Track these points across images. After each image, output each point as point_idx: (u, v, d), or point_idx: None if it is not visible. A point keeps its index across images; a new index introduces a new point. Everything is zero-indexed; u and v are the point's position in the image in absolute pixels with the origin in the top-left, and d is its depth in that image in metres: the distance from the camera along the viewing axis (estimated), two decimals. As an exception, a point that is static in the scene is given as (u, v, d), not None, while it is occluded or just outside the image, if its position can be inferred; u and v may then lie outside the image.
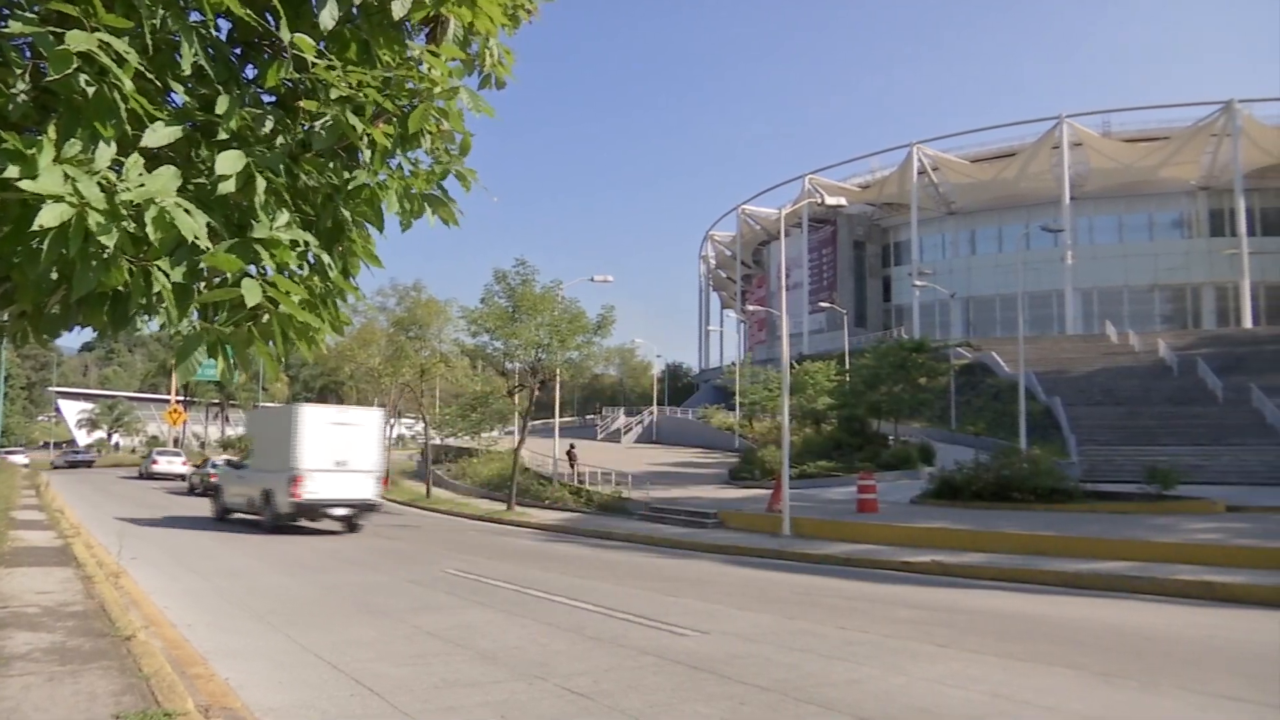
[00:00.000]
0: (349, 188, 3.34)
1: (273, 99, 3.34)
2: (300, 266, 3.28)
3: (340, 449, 20.84)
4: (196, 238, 2.73)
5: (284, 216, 3.13)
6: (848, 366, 46.26)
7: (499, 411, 39.17)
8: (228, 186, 2.94)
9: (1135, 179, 64.33)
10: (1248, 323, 57.80)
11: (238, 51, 3.41)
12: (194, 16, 3.00)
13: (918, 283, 52.58)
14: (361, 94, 3.15)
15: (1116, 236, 66.51)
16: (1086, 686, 6.52)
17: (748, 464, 35.78)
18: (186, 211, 2.73)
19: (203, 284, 3.07)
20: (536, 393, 30.97)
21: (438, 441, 46.09)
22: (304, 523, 21.56)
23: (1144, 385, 43.55)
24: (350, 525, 21.67)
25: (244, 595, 11.10)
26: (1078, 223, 62.91)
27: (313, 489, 20.26)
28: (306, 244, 3.22)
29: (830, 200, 23.24)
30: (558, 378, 33.57)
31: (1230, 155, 59.26)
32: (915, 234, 69.47)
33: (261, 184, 3.01)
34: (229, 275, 2.94)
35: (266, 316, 3.02)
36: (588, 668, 7.09)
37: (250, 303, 2.85)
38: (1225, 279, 61.06)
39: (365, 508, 21.58)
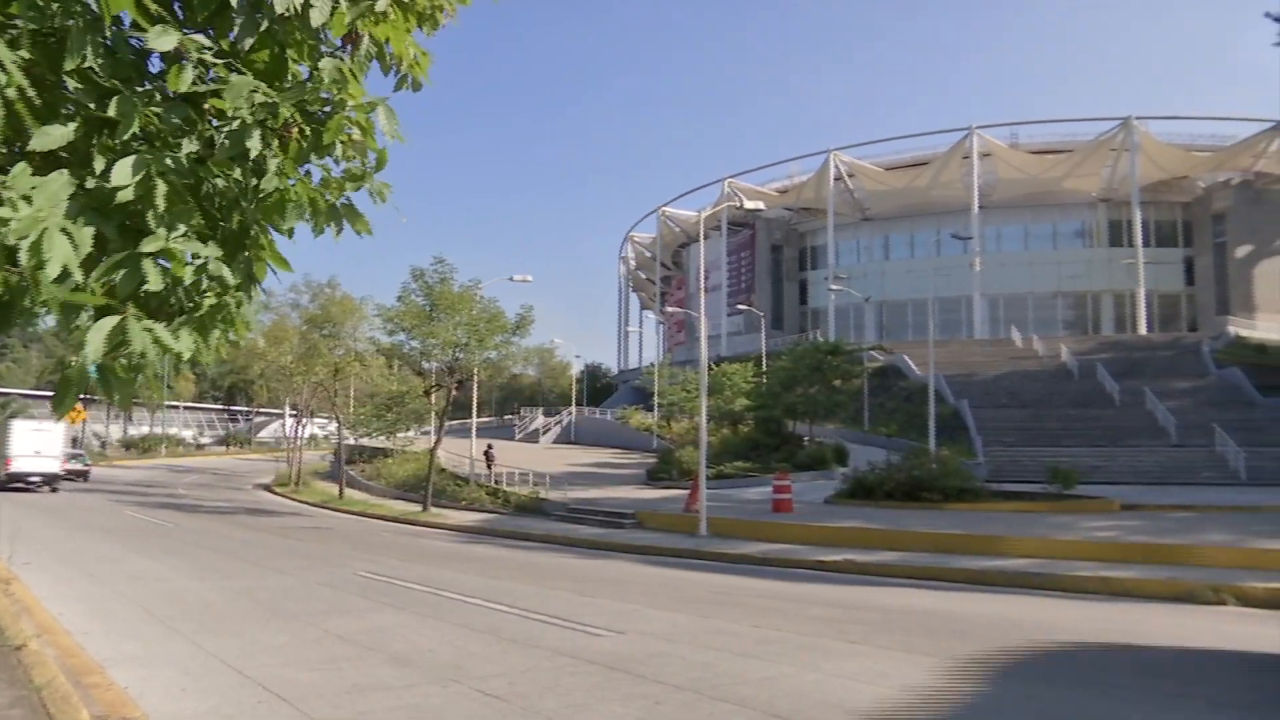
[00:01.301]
0: (259, 195, 3.25)
1: (182, 97, 3.23)
2: (197, 278, 3.15)
3: (37, 444, 33.48)
4: (67, 267, 2.61)
5: (181, 228, 3.02)
6: (765, 368, 46.85)
7: (415, 411, 38.60)
8: (125, 195, 2.83)
9: (1040, 190, 66.70)
10: (1143, 329, 60.45)
11: (141, 41, 3.28)
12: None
13: (833, 287, 53.59)
14: (270, 103, 3.05)
15: (1022, 245, 68.85)
16: (997, 681, 6.73)
17: (665, 464, 35.96)
18: (67, 233, 2.61)
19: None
20: (454, 392, 30.63)
21: (352, 442, 45.19)
22: (210, 524, 20.97)
23: (1047, 389, 45.18)
24: (52, 488, 33.94)
25: (147, 600, 10.72)
26: (986, 231, 64.88)
27: (17, 467, 32.95)
28: (205, 258, 3.10)
29: (749, 204, 23.54)
30: (475, 377, 33.26)
31: (1128, 169, 61.89)
32: (831, 239, 70.76)
33: (162, 189, 2.90)
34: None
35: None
36: (503, 670, 7.04)
37: (103, 348, 2.74)
38: (1123, 287, 63.72)
39: (52, 478, 33.98)
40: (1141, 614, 10.29)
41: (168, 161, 2.94)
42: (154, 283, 2.89)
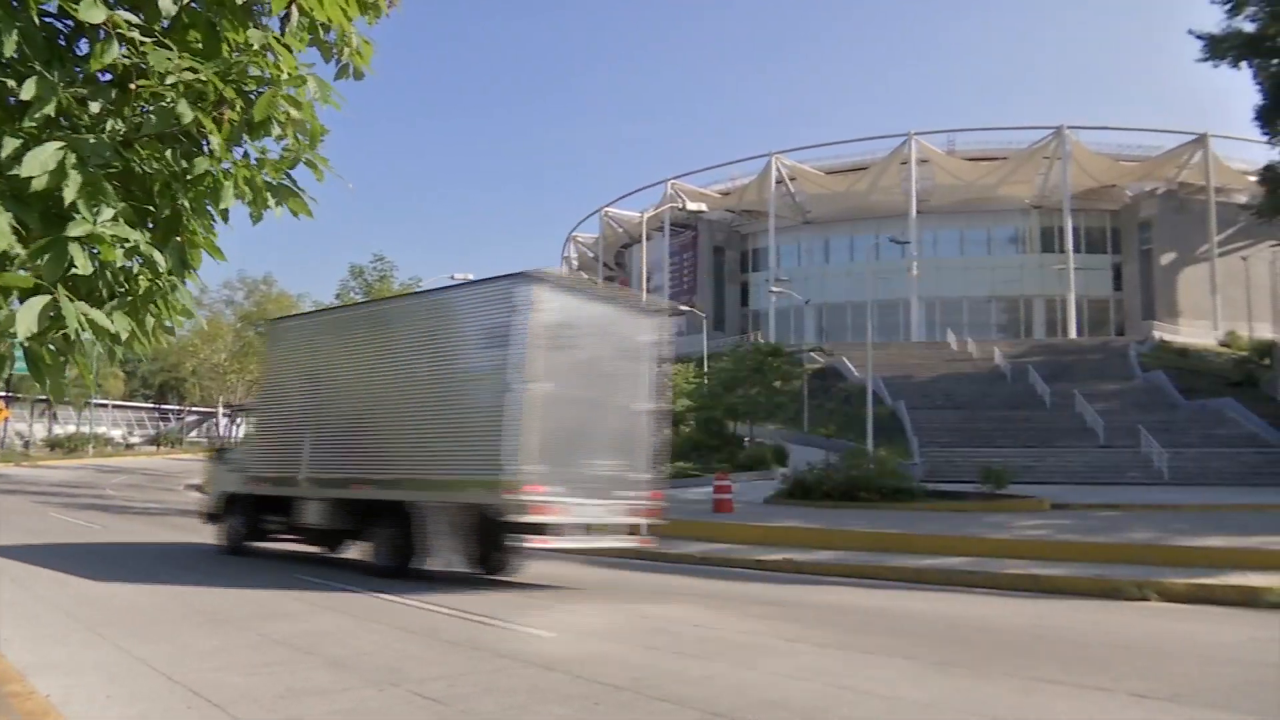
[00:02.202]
0: (189, 176, 3.17)
1: (108, 78, 3.13)
2: (128, 263, 3.07)
3: None
4: None
5: (109, 211, 2.93)
6: (706, 369, 47.11)
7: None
8: (40, 184, 2.74)
9: (976, 196, 68.19)
10: (1073, 333, 62.16)
11: (69, 23, 3.18)
12: None
13: (774, 289, 54.18)
14: (200, 79, 2.98)
15: (958, 250, 70.29)
16: (923, 675, 6.86)
17: (607, 465, 35.87)
18: None
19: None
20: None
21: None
22: (140, 526, 20.47)
23: (981, 391, 46.19)
24: None
25: (71, 605, 10.40)
26: (923, 235, 66.10)
27: None
28: (135, 242, 3.01)
29: (691, 205, 23.72)
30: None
31: (1060, 177, 63.57)
32: (773, 241, 71.47)
33: (77, 179, 2.79)
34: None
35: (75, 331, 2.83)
36: (442, 672, 6.98)
37: (34, 326, 2.65)
38: (1054, 292, 65.42)
39: None
40: (1071, 610, 10.56)
41: (90, 143, 2.84)
42: (82, 266, 2.80)
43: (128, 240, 2.96)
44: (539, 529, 11.25)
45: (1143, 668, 7.09)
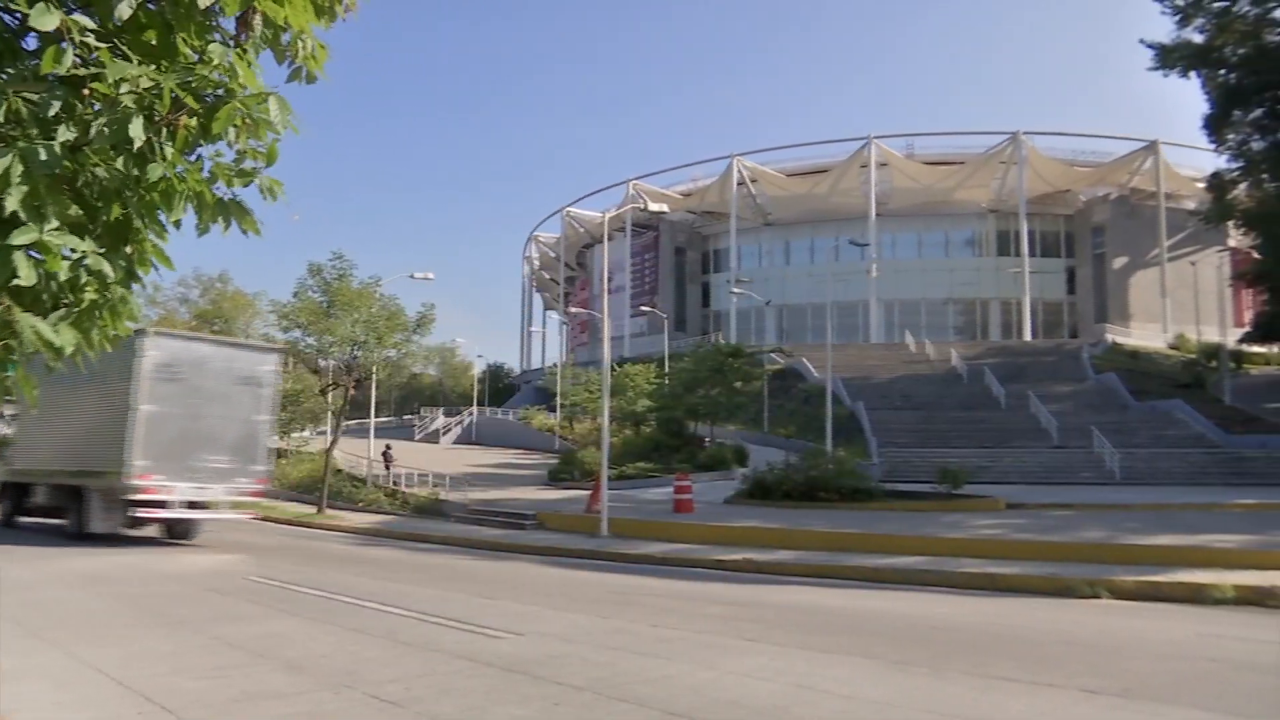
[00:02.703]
0: (143, 184, 3.10)
1: (60, 80, 3.06)
2: (73, 273, 3.00)
3: None
4: None
5: (54, 220, 2.87)
6: (667, 370, 47.22)
7: (311, 411, 37.65)
8: None
9: (934, 199, 69.07)
10: (1028, 335, 63.19)
11: (16, 17, 3.11)
12: None
13: (735, 290, 54.39)
14: (156, 87, 2.92)
15: (916, 252, 71.13)
16: (881, 674, 6.93)
17: (567, 465, 35.90)
18: None
19: None
20: (352, 391, 29.97)
21: (243, 442, 43.74)
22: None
23: (938, 391, 46.78)
24: None
25: (16, 610, 10.16)
26: (882, 238, 66.82)
27: None
28: (83, 251, 2.95)
29: (653, 206, 23.75)
30: (374, 376, 32.61)
31: (1016, 182, 64.59)
32: (734, 243, 71.79)
33: (22, 188, 2.73)
34: None
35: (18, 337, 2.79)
36: (399, 674, 6.92)
37: None
38: (1010, 295, 66.45)
39: None
40: (1025, 608, 10.73)
41: (41, 158, 2.77)
42: (26, 276, 2.74)
43: (75, 249, 2.91)
44: (151, 504, 17.05)
45: (1094, 664, 7.22)
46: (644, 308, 67.04)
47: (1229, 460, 32.95)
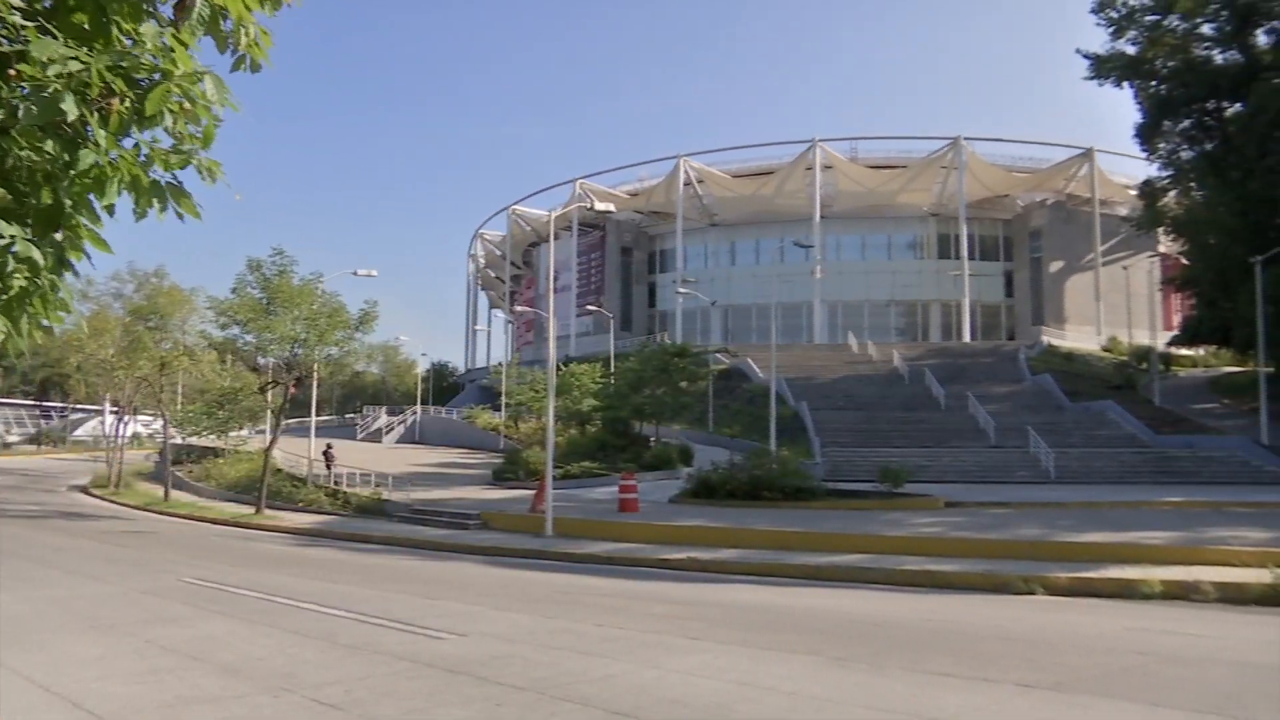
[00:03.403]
0: (74, 169, 3.01)
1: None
2: (1, 259, 2.90)
3: None
4: None
5: None
6: (613, 369, 47.20)
7: (250, 409, 36.86)
8: None
9: (877, 202, 70.05)
10: (967, 337, 64.38)
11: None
12: None
13: (681, 290, 54.60)
14: (86, 70, 2.83)
15: (860, 255, 72.06)
16: (823, 671, 7.01)
17: (512, 465, 35.70)
18: None
19: None
20: (292, 390, 29.48)
21: (179, 441, 42.82)
22: (20, 531, 19.53)
23: (880, 392, 47.43)
24: None
25: (-62, 613, 9.82)
26: (827, 240, 67.54)
27: None
28: (11, 237, 2.85)
29: (599, 206, 23.70)
30: (315, 374, 32.11)
31: (957, 186, 65.79)
32: (680, 243, 72.04)
33: None
34: None
35: None
36: (339, 676, 6.82)
37: None
38: (950, 297, 67.67)
39: None
40: (963, 604, 10.93)
41: None
42: None
43: (2, 235, 2.81)
44: None
45: (1029, 659, 7.38)
46: (590, 307, 66.97)
47: (1157, 459, 33.93)
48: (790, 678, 6.75)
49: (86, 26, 3.07)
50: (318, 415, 40.71)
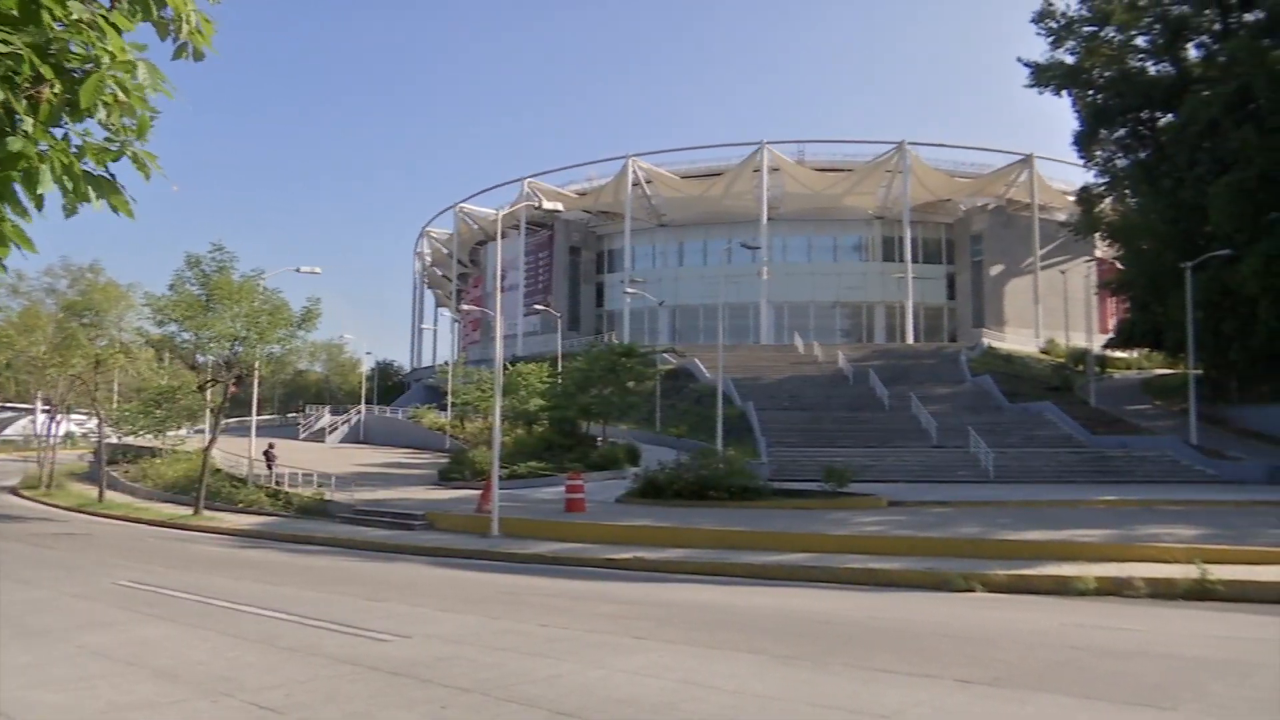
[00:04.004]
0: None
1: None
2: None
3: None
4: None
5: None
6: (560, 369, 47.07)
7: (188, 408, 36.06)
8: None
9: (824, 205, 70.82)
10: (910, 339, 65.40)
11: None
12: None
13: (629, 290, 54.63)
14: (13, 54, 2.73)
15: (806, 256, 72.80)
16: (767, 669, 7.07)
17: (458, 465, 35.44)
18: None
19: None
20: (232, 388, 28.94)
21: (115, 440, 41.76)
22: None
23: (825, 393, 47.95)
24: None
25: None
26: (773, 242, 68.09)
27: None
28: None
29: (548, 205, 23.66)
30: (256, 373, 31.55)
31: (901, 190, 66.79)
32: (628, 243, 72.11)
33: None
34: None
35: None
36: (280, 680, 6.71)
37: None
38: (894, 299, 68.66)
39: None
40: (904, 602, 11.10)
41: None
42: None
43: None
44: None
45: (968, 654, 7.52)
46: (538, 306, 66.73)
47: (1093, 459, 34.78)
48: (735, 676, 6.80)
49: (15, 12, 2.98)
50: (259, 414, 40.02)
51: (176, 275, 27.41)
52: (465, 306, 77.97)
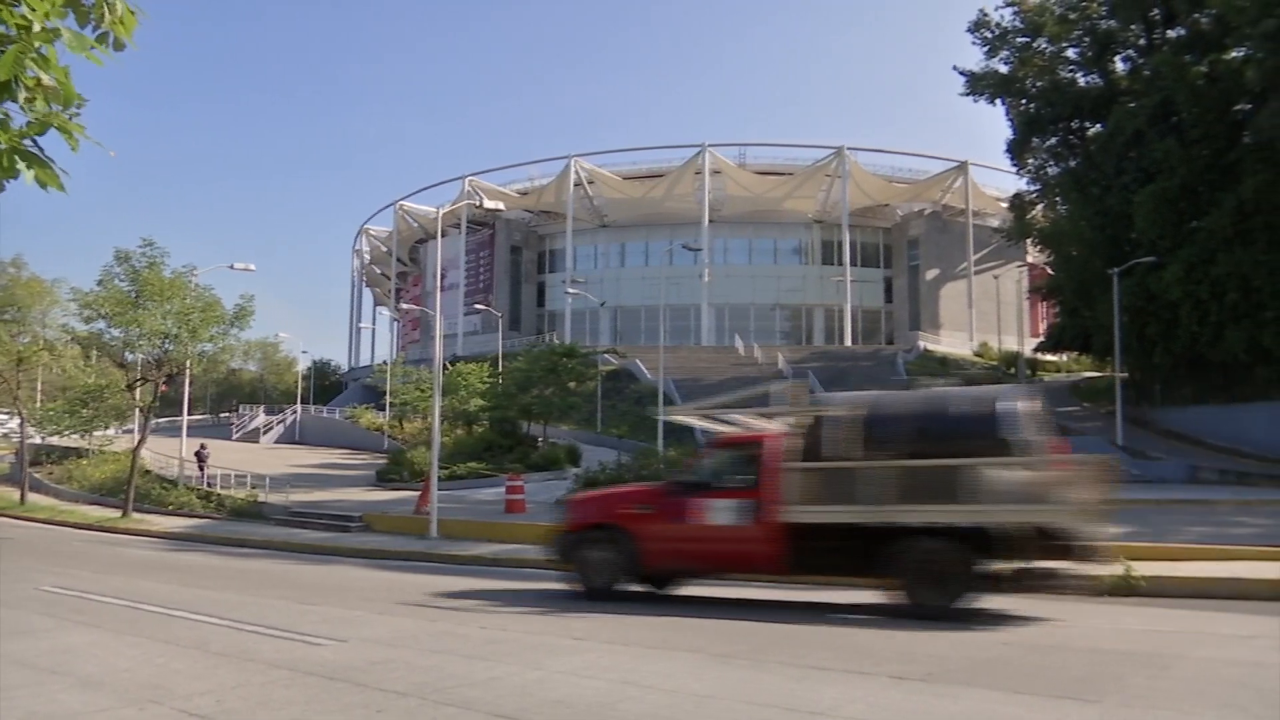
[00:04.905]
0: None
1: None
2: None
3: None
4: None
5: None
6: (501, 369, 46.82)
7: (116, 408, 35.10)
8: None
9: (764, 208, 71.52)
10: (849, 341, 66.37)
11: None
12: None
13: (570, 290, 54.54)
14: None
15: (747, 259, 73.44)
16: (704, 667, 7.12)
17: (396, 465, 35.05)
18: None
19: None
20: (162, 387, 28.25)
21: (38, 441, 40.48)
22: None
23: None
24: None
25: None
26: (715, 244, 68.56)
27: None
28: None
29: (489, 204, 23.53)
30: (188, 371, 30.84)
31: (840, 194, 67.74)
32: (570, 243, 71.99)
33: None
34: None
35: None
36: (211, 687, 6.57)
37: None
38: (833, 302, 69.59)
39: None
40: (839, 598, 11.26)
41: None
42: None
43: None
44: None
45: (903, 652, 7.67)
46: (478, 306, 66.24)
47: (1024, 460, 35.63)
48: (673, 675, 6.84)
49: None
50: (190, 414, 39.16)
51: (105, 271, 26.74)
52: (404, 305, 77.12)
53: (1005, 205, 58.40)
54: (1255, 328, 33.78)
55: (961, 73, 46.84)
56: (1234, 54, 35.43)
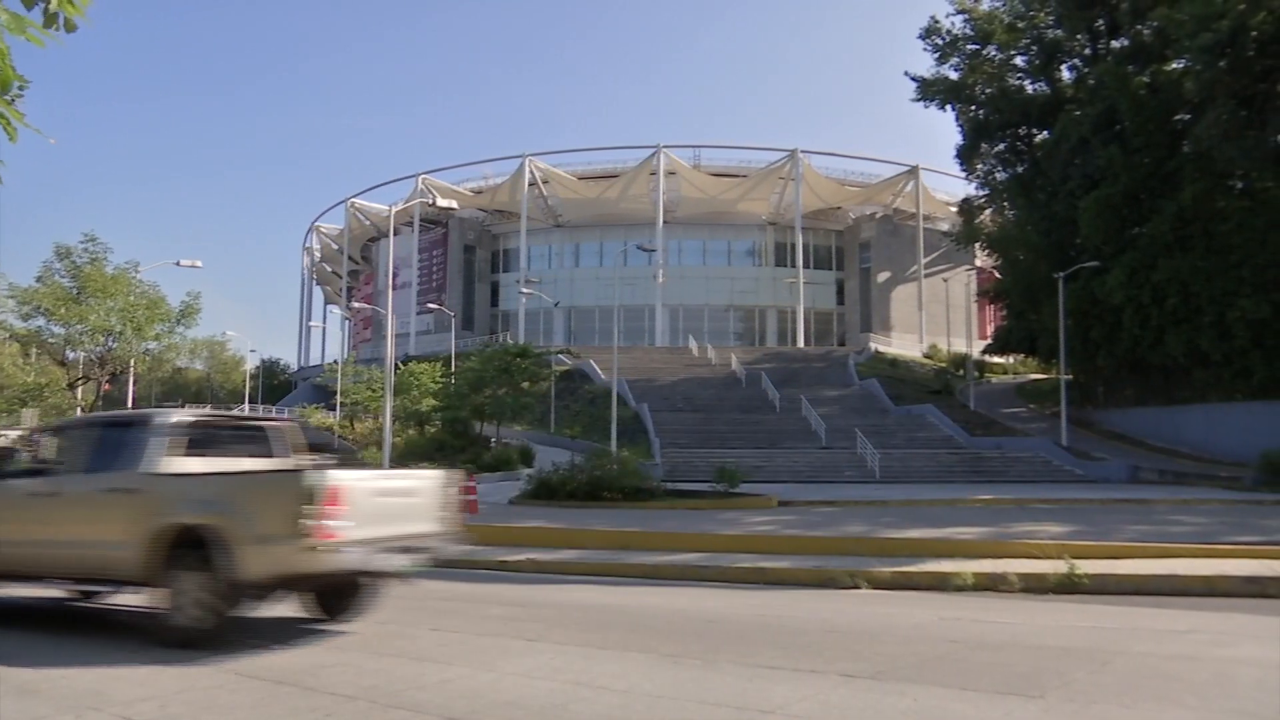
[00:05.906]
0: None
1: None
2: None
3: None
4: None
5: None
6: (454, 369, 46.49)
7: (57, 407, 34.23)
8: None
9: (718, 210, 71.91)
10: (801, 343, 66.98)
11: None
12: None
13: (524, 290, 54.39)
14: None
15: (701, 260, 73.78)
16: (656, 667, 7.13)
17: (347, 466, 34.58)
18: None
19: None
20: (105, 386, 27.61)
21: (-28, 441, 39.28)
22: None
23: (719, 394, 48.65)
24: None
25: None
26: (669, 245, 68.81)
27: None
28: None
29: (442, 202, 23.41)
30: (132, 370, 30.15)
31: (793, 197, 68.32)
32: (524, 243, 71.73)
33: None
34: None
35: None
36: (153, 692, 6.43)
37: None
38: (786, 303, 70.20)
39: None
40: (792, 599, 11.34)
41: None
42: None
43: None
44: None
45: (852, 649, 7.74)
46: (431, 305, 65.72)
47: (971, 460, 36.26)
48: (625, 675, 6.83)
49: None
50: (133, 414, 38.22)
51: (44, 266, 26.13)
52: (356, 304, 76.26)
53: (955, 209, 59.36)
54: (1194, 332, 34.72)
55: (913, 78, 47.54)
56: (1174, 65, 36.43)
